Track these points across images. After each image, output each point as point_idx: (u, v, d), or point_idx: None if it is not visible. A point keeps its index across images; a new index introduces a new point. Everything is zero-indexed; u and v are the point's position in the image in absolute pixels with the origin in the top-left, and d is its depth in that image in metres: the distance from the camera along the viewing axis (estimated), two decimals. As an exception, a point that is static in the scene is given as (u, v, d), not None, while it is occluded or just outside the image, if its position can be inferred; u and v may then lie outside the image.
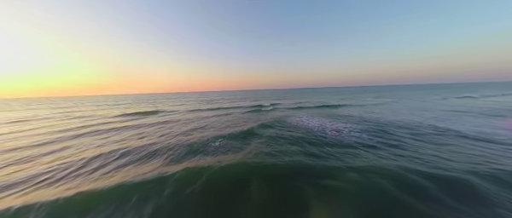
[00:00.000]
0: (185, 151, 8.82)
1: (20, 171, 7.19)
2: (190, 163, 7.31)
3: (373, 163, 6.65)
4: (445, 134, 10.00)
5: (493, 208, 4.22)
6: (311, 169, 6.40)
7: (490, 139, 9.02)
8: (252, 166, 6.67)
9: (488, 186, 4.99)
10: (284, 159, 7.22)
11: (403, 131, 10.99)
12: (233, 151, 8.62)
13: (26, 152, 9.50)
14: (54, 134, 13.46)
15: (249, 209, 4.50)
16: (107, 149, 9.46)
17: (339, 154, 7.68)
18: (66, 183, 6.12)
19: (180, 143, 10.02)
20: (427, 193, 4.78)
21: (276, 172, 6.30)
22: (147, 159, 8.01)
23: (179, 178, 5.87)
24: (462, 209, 4.19)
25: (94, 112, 28.26)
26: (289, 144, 9.30)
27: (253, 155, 7.82)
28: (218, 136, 10.97)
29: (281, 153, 7.97)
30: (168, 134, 12.48)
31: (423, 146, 8.50)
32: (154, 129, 14.90)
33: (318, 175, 5.89)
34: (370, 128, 12.05)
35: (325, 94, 70.42)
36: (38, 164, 7.81)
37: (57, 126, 17.18)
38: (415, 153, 7.58)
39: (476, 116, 15.30)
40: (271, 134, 11.10)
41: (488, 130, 10.53)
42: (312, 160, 7.12)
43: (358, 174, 5.77)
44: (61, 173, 6.90)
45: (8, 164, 7.94)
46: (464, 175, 5.47)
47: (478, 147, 8.04)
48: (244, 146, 9.34)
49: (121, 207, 4.66)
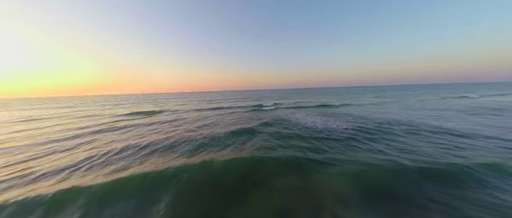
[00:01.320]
0: (197, 145, 10.08)
1: (62, 159, 8.63)
2: (204, 156, 8.42)
3: (365, 156, 8.07)
4: (434, 131, 11.45)
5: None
6: (308, 159, 7.53)
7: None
8: (256, 159, 7.68)
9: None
10: (284, 153, 8.34)
11: (397, 128, 12.35)
12: (239, 146, 9.76)
13: (59, 144, 10.98)
14: (75, 130, 14.95)
15: (255, 196, 5.25)
16: (129, 142, 10.90)
17: (334, 148, 9.03)
18: (104, 169, 7.48)
19: (191, 138, 11.35)
20: (411, 179, 5.78)
21: (277, 164, 7.23)
22: (165, 152, 9.32)
23: (196, 168, 6.90)
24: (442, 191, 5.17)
25: (102, 112, 29.68)
26: (289, 140, 10.53)
27: (257, 150, 8.91)
28: (225, 133, 12.19)
29: (281, 148, 9.15)
30: (179, 131, 13.89)
31: (415, 141, 9.91)
32: (165, 126, 16.33)
33: (315, 166, 6.87)
34: (367, 126, 13.41)
35: (324, 94, 71.85)
36: (75, 154, 9.26)
37: (73, 123, 18.63)
38: (407, 147, 9.02)
39: (470, 114, 16.77)
40: (273, 132, 12.43)
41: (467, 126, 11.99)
42: (309, 153, 8.34)
43: (352, 165, 6.85)
44: (98, 160, 8.34)
45: (49, 154, 9.40)
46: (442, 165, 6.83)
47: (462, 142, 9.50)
48: (248, 141, 10.51)
49: (150, 190, 5.71)
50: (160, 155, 8.89)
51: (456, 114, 17.08)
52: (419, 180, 5.73)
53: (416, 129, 11.93)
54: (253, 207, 4.83)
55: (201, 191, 5.66)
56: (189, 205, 5.03)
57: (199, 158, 8.07)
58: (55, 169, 7.48)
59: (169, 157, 8.61)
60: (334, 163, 7.17)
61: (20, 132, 14.99)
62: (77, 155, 9.11)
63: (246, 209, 4.74)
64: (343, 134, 11.17)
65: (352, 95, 54.46)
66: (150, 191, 5.73)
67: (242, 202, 5.10)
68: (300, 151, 8.71)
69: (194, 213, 4.74)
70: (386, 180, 5.85)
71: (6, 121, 21.64)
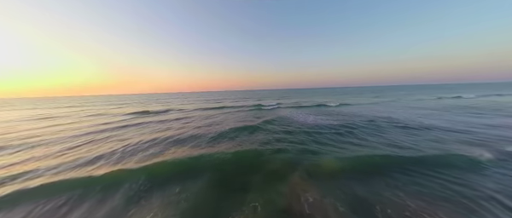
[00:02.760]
0: (209, 138, 11.67)
1: (100, 148, 10.30)
2: (216, 147, 9.92)
3: (359, 150, 9.66)
4: (420, 128, 13.10)
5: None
6: (306, 151, 9.07)
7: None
8: (260, 151, 9.11)
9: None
10: (285, 146, 9.83)
11: (386, 124, 14.02)
12: (245, 140, 11.22)
13: (91, 137, 12.74)
14: (97, 126, 16.69)
15: (261, 182, 6.31)
16: (152, 136, 12.57)
17: (328, 141, 10.70)
18: (140, 156, 9.06)
19: (202, 134, 12.91)
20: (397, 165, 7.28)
21: (279, 156, 8.50)
22: (184, 144, 10.86)
23: (212, 158, 8.31)
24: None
25: (110, 111, 31.12)
26: (288, 135, 12.06)
27: (261, 144, 10.40)
28: (231, 129, 13.75)
29: (280, 142, 10.69)
30: (190, 128, 15.46)
31: (399, 135, 11.55)
32: (176, 123, 17.94)
33: (310, 157, 8.24)
34: (361, 123, 15.02)
35: (324, 94, 73.58)
36: (108, 145, 10.89)
37: (89, 121, 20.13)
38: (390, 139, 10.64)
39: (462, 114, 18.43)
40: (274, 129, 14.02)
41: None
42: (307, 146, 9.93)
43: (345, 153, 8.56)
44: (132, 149, 10.02)
45: (87, 144, 11.05)
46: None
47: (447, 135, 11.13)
48: (253, 137, 11.99)
49: (179, 174, 7.10)
50: (180, 146, 10.47)
51: (443, 113, 18.73)
52: (393, 164, 7.35)
53: (403, 125, 13.57)
54: (256, 187, 6.12)
55: (218, 175, 6.99)
56: (213, 185, 6.33)
57: (212, 149, 9.64)
58: (99, 156, 9.15)
59: (188, 148, 10.21)
60: (327, 152, 8.82)
61: (46, 128, 16.58)
62: (110, 145, 10.79)
63: (249, 190, 5.92)
64: (338, 130, 12.82)
65: (351, 95, 56.21)
66: (181, 173, 7.24)
67: (247, 183, 6.32)
68: (297, 143, 10.32)
69: (215, 191, 6.02)
70: (367, 163, 7.46)
71: (22, 119, 23.19)
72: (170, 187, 6.18)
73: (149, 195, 5.80)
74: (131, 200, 5.58)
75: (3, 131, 15.53)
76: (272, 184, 6.18)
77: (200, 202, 5.41)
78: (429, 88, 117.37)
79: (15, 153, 10.01)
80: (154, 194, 5.84)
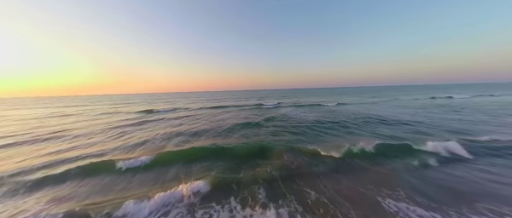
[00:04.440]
0: (220, 132, 13.90)
1: (134, 137, 12.65)
2: (225, 140, 11.99)
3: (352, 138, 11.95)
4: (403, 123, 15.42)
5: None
6: (301, 141, 11.37)
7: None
8: (264, 144, 10.93)
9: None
10: (286, 139, 12.04)
11: (374, 120, 16.38)
12: (251, 134, 13.30)
13: (120, 131, 15.09)
14: (119, 122, 18.90)
15: (267, 169, 7.56)
16: (173, 130, 14.96)
17: (322, 133, 13.00)
18: (173, 143, 11.36)
19: (213, 128, 15.21)
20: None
21: (281, 148, 10.23)
22: (201, 136, 13.03)
23: (229, 146, 10.38)
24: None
25: (119, 110, 33.13)
26: (287, 130, 14.38)
27: (263, 136, 12.67)
28: (238, 125, 16.05)
29: (280, 135, 12.97)
30: (200, 124, 17.67)
31: (384, 129, 13.86)
32: (187, 120, 20.22)
33: (307, 149, 9.90)
34: (354, 120, 17.37)
35: (323, 94, 75.94)
36: (140, 135, 13.28)
37: (105, 118, 22.30)
38: (375, 131, 12.94)
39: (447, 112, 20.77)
40: (275, 125, 16.29)
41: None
42: (301, 137, 12.32)
43: (336, 141, 10.87)
44: (160, 138, 12.41)
45: (120, 136, 13.33)
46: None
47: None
48: (257, 132, 14.10)
49: (207, 156, 9.25)
50: (199, 138, 12.73)
51: (428, 111, 21.01)
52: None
53: (390, 121, 15.91)
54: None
55: (234, 158, 9.02)
56: (229, 167, 8.23)
57: (226, 140, 11.93)
58: (139, 142, 11.55)
59: (206, 138, 12.45)
60: (321, 143, 11.08)
61: (75, 123, 19.01)
62: (141, 135, 13.17)
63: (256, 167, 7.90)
64: (332, 125, 15.13)
65: (350, 95, 58.64)
66: (205, 157, 9.32)
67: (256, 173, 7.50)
68: (295, 136, 12.72)
69: (233, 167, 8.05)
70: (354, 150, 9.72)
71: (46, 116, 25.56)
72: (202, 164, 8.43)
73: (189, 170, 7.92)
74: (180, 171, 7.77)
75: (46, 125, 18.27)
76: (272, 163, 8.32)
77: (226, 172, 7.54)
78: (429, 88, 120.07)
79: (73, 139, 12.71)
80: (193, 168, 8.05)
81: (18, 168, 8.15)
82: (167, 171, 7.84)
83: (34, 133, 14.67)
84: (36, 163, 8.67)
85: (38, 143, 12.17)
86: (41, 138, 13.23)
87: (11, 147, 11.33)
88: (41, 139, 13.04)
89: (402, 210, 4.98)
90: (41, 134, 14.39)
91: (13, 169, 8.05)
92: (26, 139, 12.93)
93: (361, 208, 5.11)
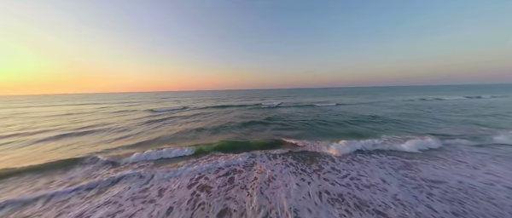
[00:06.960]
0: (233, 128, 16.45)
1: (163, 132, 15.33)
2: (239, 136, 14.20)
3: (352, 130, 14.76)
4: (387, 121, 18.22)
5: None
6: (301, 136, 14.14)
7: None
8: (269, 139, 13.20)
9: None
10: (292, 133, 14.64)
11: (366, 117, 19.15)
12: (259, 130, 15.85)
13: (147, 127, 17.64)
14: (135, 121, 21.18)
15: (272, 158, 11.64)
16: (190, 126, 17.47)
17: (320, 126, 15.76)
18: (200, 136, 14.02)
19: (226, 125, 17.53)
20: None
21: (283, 134, 13.62)
22: (215, 132, 15.30)
23: (246, 140, 12.83)
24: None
25: (126, 108, 34.91)
26: (289, 126, 17.03)
27: (269, 133, 14.89)
28: (245, 122, 18.56)
29: (288, 130, 15.60)
30: (215, 120, 20.14)
31: (372, 126, 16.65)
32: (201, 117, 22.79)
33: (305, 144, 13.50)
34: (350, 118, 20.12)
35: (325, 94, 78.71)
36: (164, 131, 15.85)
37: (121, 116, 24.67)
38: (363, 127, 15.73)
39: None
40: (279, 121, 18.91)
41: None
42: (301, 131, 15.08)
43: (331, 135, 13.64)
44: (186, 132, 15.02)
45: (147, 131, 16.01)
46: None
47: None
48: (264, 128, 16.63)
49: (232, 148, 11.57)
50: (219, 133, 15.03)
51: (414, 111, 23.82)
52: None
53: (378, 119, 18.70)
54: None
55: (252, 151, 11.71)
56: (249, 157, 11.19)
57: (237, 136, 14.24)
58: (170, 135, 14.21)
59: (225, 134, 14.74)
60: (318, 138, 13.83)
61: (101, 120, 21.45)
62: (169, 131, 15.74)
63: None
64: (326, 122, 17.90)
65: (349, 96, 61.43)
66: (230, 148, 11.79)
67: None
68: (296, 130, 15.52)
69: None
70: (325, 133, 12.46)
71: (72, 113, 28.49)
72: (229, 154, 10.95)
73: (218, 158, 10.47)
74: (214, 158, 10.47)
75: (84, 120, 21.88)
76: (275, 147, 11.20)
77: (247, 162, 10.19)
78: (429, 88, 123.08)
79: (119, 133, 15.34)
80: (222, 158, 10.63)
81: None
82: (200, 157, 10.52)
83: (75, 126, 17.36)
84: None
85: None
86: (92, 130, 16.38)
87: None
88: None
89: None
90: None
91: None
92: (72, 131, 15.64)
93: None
